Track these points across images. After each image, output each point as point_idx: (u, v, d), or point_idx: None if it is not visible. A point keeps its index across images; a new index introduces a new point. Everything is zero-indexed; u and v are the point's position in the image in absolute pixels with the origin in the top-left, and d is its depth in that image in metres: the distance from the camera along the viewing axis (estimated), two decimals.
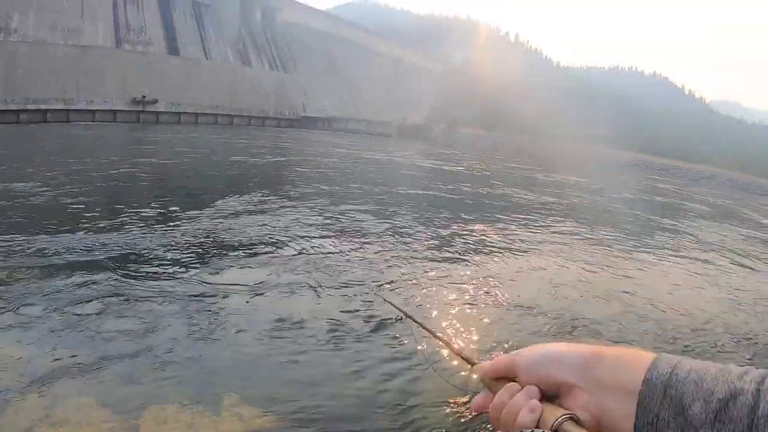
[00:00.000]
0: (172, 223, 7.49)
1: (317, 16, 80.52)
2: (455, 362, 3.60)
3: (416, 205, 10.97)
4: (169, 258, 6.07)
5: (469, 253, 7.74)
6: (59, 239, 6.19)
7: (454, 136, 61.40)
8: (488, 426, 3.59)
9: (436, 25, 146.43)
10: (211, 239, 6.94)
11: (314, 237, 7.63)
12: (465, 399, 3.77)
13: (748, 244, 12.17)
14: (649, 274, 8.03)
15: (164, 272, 5.56)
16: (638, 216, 14.07)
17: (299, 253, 6.62)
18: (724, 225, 15.89)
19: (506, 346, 4.43)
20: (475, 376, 0.78)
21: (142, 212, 8.14)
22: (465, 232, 9.07)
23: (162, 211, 8.55)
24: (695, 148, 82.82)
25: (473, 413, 3.31)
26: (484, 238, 9.02)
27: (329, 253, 6.94)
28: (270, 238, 7.24)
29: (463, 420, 3.68)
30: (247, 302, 5.10)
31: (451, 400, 3.80)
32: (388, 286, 5.89)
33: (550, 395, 0.69)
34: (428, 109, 78.69)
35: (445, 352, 3.84)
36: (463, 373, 3.44)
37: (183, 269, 5.72)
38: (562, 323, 5.09)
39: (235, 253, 6.40)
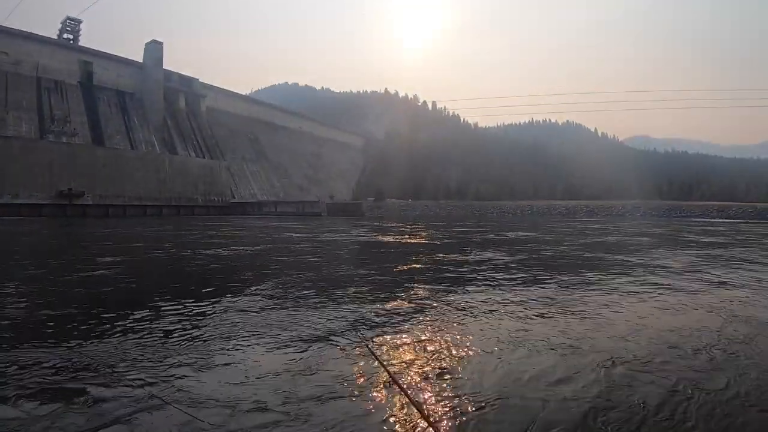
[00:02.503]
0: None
1: (241, 101, 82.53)
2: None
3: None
4: None
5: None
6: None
7: (383, 209, 63.01)
8: None
9: (356, 101, 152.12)
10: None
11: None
12: None
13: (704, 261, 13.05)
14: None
15: None
16: (596, 257, 14.72)
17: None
18: (677, 250, 16.80)
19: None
20: None
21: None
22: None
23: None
24: (616, 184, 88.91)
25: None
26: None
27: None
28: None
29: None
30: None
31: None
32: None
33: None
34: (355, 184, 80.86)
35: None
36: None
37: None
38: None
39: None
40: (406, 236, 24.55)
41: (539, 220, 46.56)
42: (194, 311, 7.66)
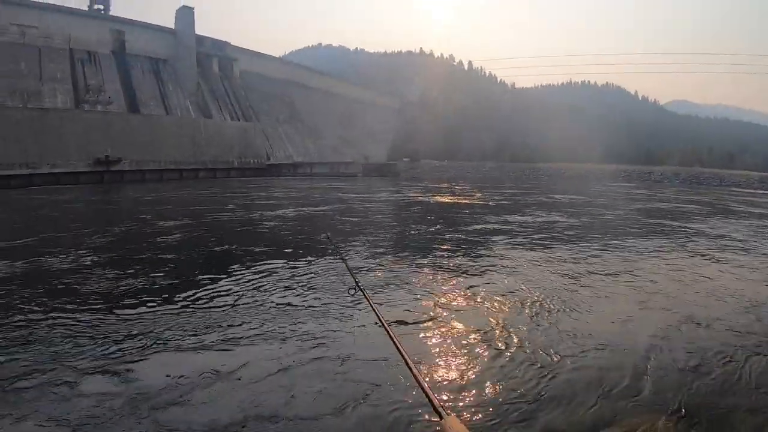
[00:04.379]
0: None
1: (273, 63, 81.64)
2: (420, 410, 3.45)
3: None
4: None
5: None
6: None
7: (418, 170, 62.34)
8: None
9: (390, 61, 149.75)
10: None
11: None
12: None
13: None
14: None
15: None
16: (653, 223, 14.37)
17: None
18: (731, 220, 16.46)
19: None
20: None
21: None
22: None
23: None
24: (655, 148, 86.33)
25: None
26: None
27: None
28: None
29: None
30: None
31: None
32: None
33: None
34: (390, 145, 79.89)
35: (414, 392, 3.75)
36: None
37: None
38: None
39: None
40: (459, 196, 23.98)
41: (578, 183, 45.53)
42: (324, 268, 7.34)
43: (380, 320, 2.93)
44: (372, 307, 3.22)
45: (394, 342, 2.48)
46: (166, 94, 56.49)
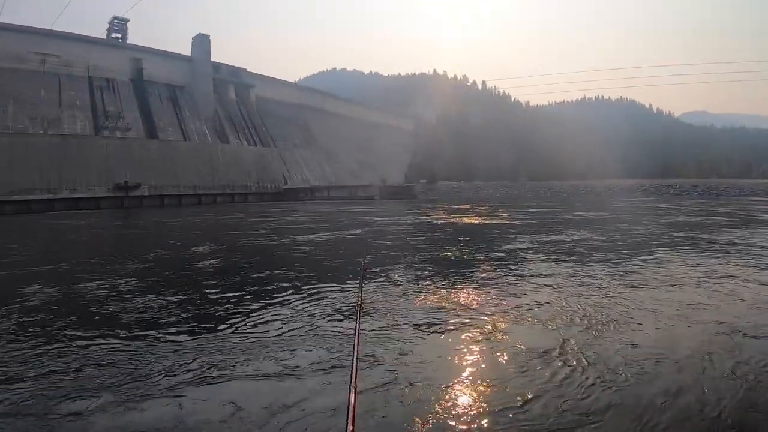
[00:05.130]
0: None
1: (289, 88, 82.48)
2: None
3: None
4: None
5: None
6: None
7: (435, 191, 62.03)
8: None
9: (404, 83, 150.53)
10: None
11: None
12: None
13: None
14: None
15: None
16: (683, 236, 13.92)
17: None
18: (759, 229, 16.13)
19: None
20: None
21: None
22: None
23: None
24: (672, 162, 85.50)
25: None
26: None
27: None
28: None
29: None
30: None
31: None
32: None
33: None
34: (406, 167, 79.74)
35: None
36: None
37: None
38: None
39: None
40: (485, 217, 23.56)
41: (598, 200, 45.11)
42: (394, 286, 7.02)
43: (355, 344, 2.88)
44: (356, 327, 3.26)
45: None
46: (184, 120, 56.83)
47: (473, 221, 20.95)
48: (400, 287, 7.42)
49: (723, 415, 3.41)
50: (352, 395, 2.35)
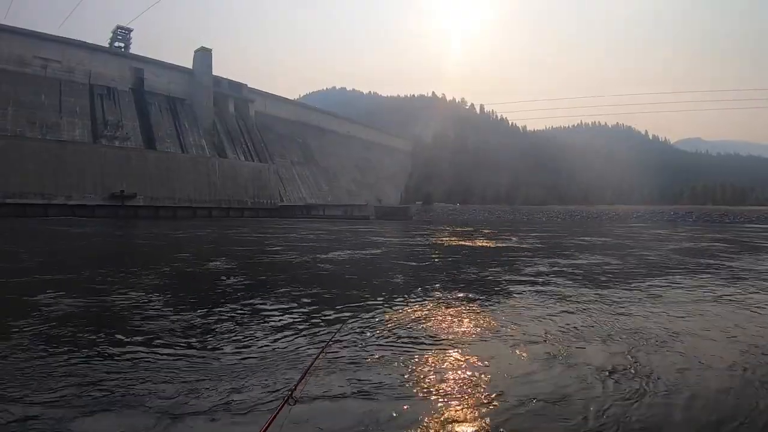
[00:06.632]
0: None
1: (289, 105, 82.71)
2: None
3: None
4: None
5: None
6: None
7: (431, 213, 61.90)
8: None
9: (403, 104, 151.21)
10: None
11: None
12: None
13: None
14: None
15: None
16: (694, 262, 13.81)
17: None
18: (762, 255, 16.21)
19: None
20: None
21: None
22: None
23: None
24: (667, 189, 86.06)
25: None
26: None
27: None
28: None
29: None
30: None
31: None
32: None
33: None
34: (403, 188, 79.74)
35: None
36: None
37: None
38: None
39: None
40: (493, 240, 23.35)
41: (594, 224, 45.22)
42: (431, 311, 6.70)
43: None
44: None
45: None
46: (182, 132, 56.45)
47: (485, 244, 20.75)
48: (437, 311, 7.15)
49: None
50: None
